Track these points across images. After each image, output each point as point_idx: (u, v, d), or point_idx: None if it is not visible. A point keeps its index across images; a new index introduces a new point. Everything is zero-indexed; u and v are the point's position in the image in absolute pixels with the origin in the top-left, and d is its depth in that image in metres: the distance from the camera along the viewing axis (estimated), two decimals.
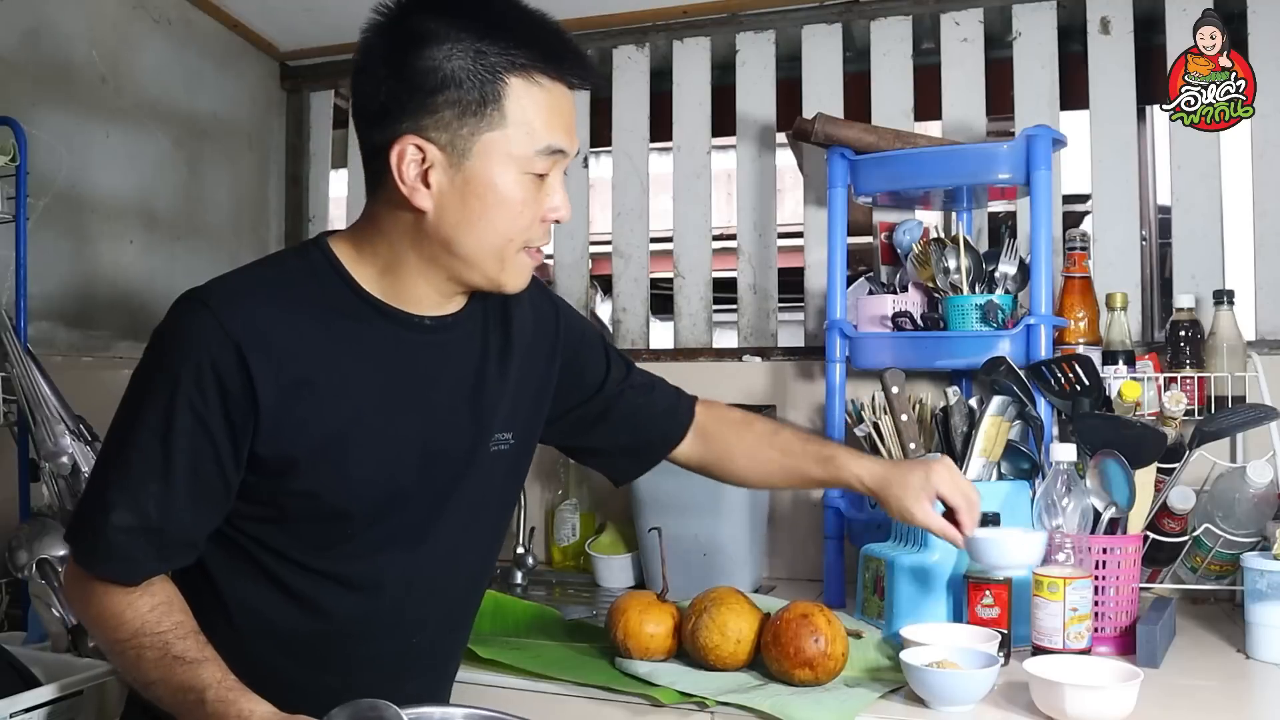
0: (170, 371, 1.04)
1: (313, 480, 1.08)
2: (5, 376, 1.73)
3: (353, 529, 1.12)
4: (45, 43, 2.02)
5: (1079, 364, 1.63)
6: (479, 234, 1.08)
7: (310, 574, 1.11)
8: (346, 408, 1.09)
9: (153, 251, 2.29)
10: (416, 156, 1.05)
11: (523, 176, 1.07)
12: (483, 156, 1.05)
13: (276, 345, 1.05)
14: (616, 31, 2.37)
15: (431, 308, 1.14)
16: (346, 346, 1.10)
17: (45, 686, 1.35)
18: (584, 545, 2.18)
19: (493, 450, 1.20)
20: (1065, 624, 1.38)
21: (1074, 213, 2.84)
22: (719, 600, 1.45)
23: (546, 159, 1.08)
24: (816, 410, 2.14)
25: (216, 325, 1.03)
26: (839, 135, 1.92)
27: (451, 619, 1.26)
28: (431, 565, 1.18)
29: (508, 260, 1.10)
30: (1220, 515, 1.61)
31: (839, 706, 1.28)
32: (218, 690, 0.96)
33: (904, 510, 1.36)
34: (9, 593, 1.78)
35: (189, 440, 1.03)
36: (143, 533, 1.03)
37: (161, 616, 1.03)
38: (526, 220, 1.09)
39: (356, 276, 1.12)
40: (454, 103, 1.03)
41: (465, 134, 1.04)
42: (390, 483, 1.12)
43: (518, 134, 1.05)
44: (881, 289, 2.05)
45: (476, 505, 1.21)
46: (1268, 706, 1.36)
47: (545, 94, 1.06)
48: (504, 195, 1.06)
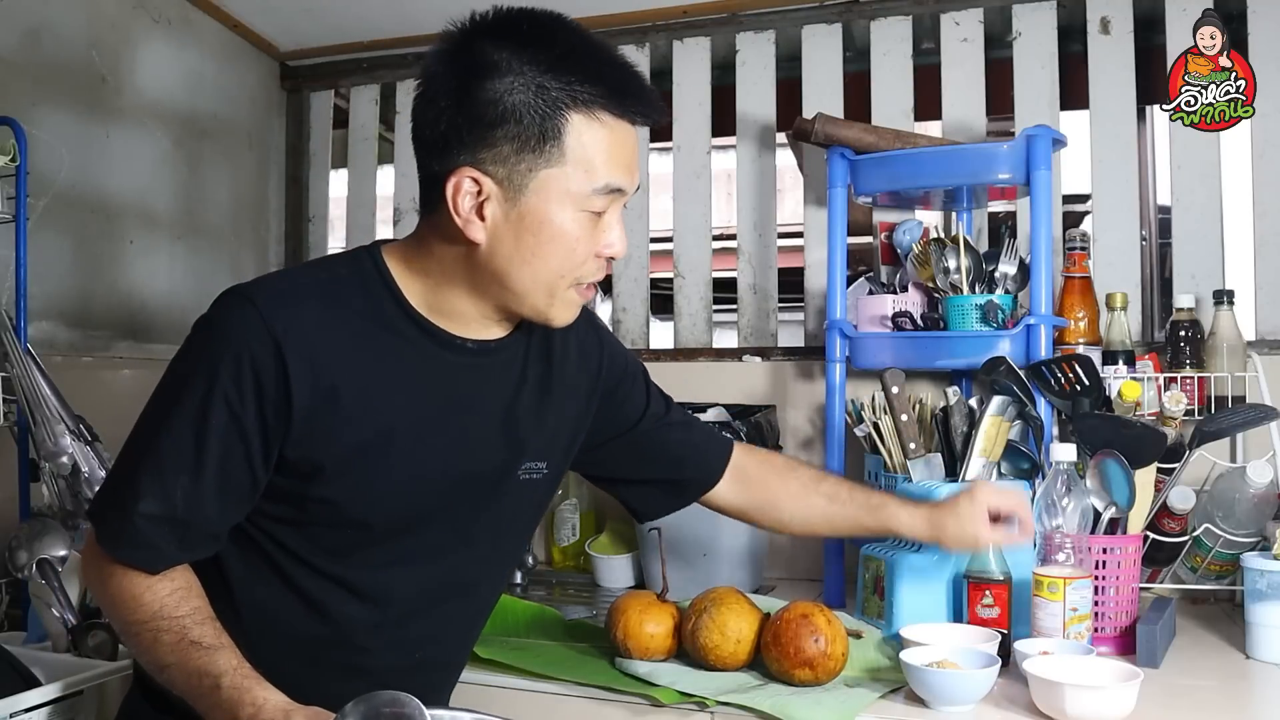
0: (210, 364, 1.03)
1: (337, 489, 1.07)
2: (5, 376, 1.73)
3: (371, 540, 1.11)
4: (45, 43, 2.02)
5: (1079, 364, 1.63)
6: (532, 270, 1.06)
7: (323, 578, 1.11)
8: (380, 420, 1.08)
9: (153, 251, 2.29)
10: (473, 189, 1.04)
11: (580, 214, 1.05)
12: (539, 193, 1.04)
13: (317, 350, 1.05)
14: (616, 31, 2.37)
15: (477, 331, 1.14)
16: (386, 360, 1.09)
17: (45, 686, 1.36)
18: (584, 545, 2.18)
19: (523, 479, 1.19)
20: (1065, 624, 1.38)
21: (1074, 213, 2.84)
22: (719, 600, 1.45)
23: (604, 197, 1.06)
24: (816, 410, 2.14)
25: (260, 323, 1.03)
26: (839, 135, 1.92)
27: (458, 639, 1.25)
28: (445, 585, 1.18)
29: (557, 295, 1.09)
30: (1220, 515, 1.61)
31: (839, 706, 1.28)
32: (233, 677, 0.97)
33: (968, 538, 1.39)
34: (9, 593, 1.78)
35: (222, 436, 1.03)
36: (168, 523, 1.03)
37: (180, 601, 1.03)
38: (580, 257, 1.07)
39: (405, 291, 1.11)
40: (513, 137, 1.02)
41: (523, 169, 1.03)
42: (414, 499, 1.12)
43: (576, 172, 1.03)
44: (881, 289, 2.05)
45: (498, 531, 1.21)
46: (1268, 706, 1.36)
47: (607, 131, 1.04)
48: (559, 232, 1.05)
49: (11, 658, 1.42)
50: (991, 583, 1.43)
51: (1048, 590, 1.40)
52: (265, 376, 1.02)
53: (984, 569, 1.44)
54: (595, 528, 2.24)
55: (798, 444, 2.16)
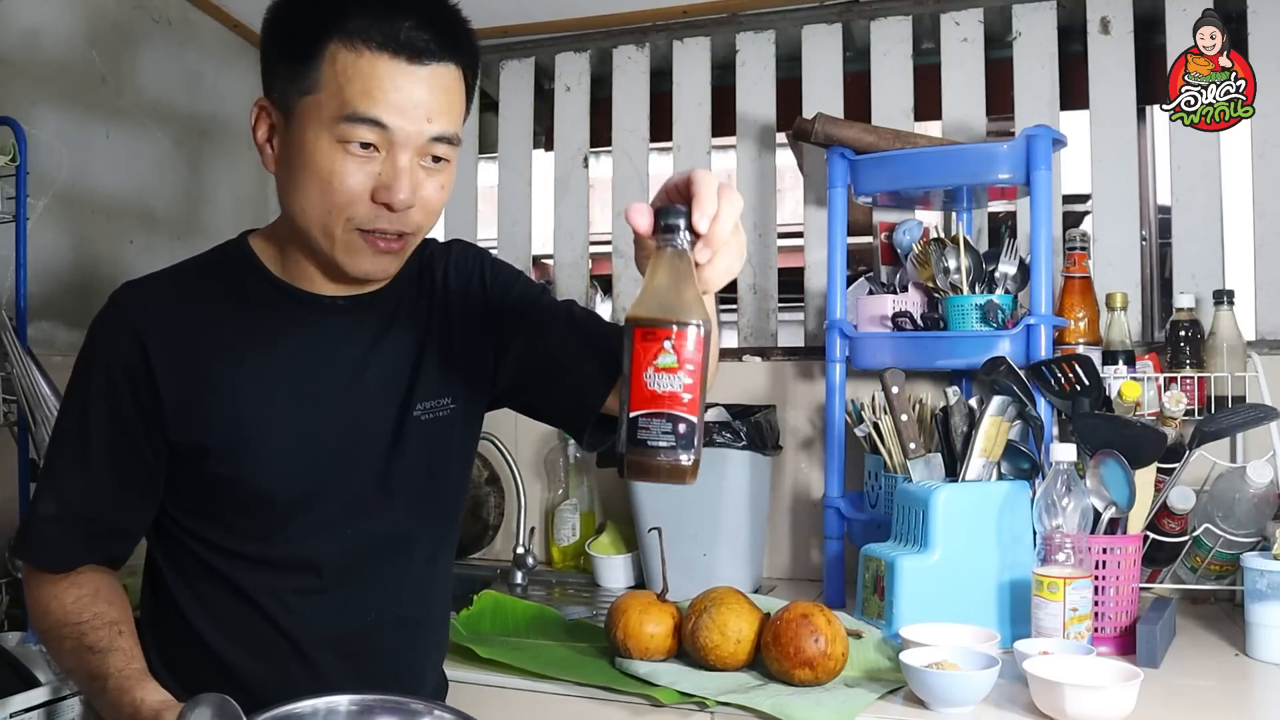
0: (86, 366, 1.10)
1: (230, 466, 1.09)
2: (5, 376, 1.73)
3: (284, 514, 1.12)
4: (45, 43, 2.02)
5: (1079, 364, 1.63)
6: (299, 203, 1.05)
7: (251, 564, 1.12)
8: (254, 392, 1.10)
9: (153, 251, 2.29)
10: (265, 119, 1.07)
11: (334, 145, 1.01)
12: (301, 119, 1.02)
13: (178, 335, 1.09)
14: (616, 31, 2.37)
15: (340, 289, 1.13)
16: (253, 332, 1.11)
17: (45, 686, 1.36)
18: (584, 545, 2.18)
19: (424, 419, 1.17)
20: (1065, 624, 1.38)
21: (1074, 213, 2.84)
22: (719, 600, 1.45)
23: (356, 127, 1.00)
24: (816, 410, 2.14)
25: (120, 317, 1.10)
26: (839, 135, 1.92)
27: (413, 594, 1.21)
28: (376, 542, 1.16)
29: (336, 237, 1.05)
30: (1220, 515, 1.61)
31: (839, 707, 1.28)
32: (117, 679, 1.00)
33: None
34: (9, 593, 1.78)
35: (104, 428, 1.08)
36: (66, 521, 1.08)
37: (84, 608, 1.07)
38: (343, 196, 1.02)
39: (265, 262, 1.14)
40: (286, 63, 1.03)
41: (293, 95, 1.02)
42: (309, 463, 1.12)
43: (330, 100, 1.00)
44: (881, 289, 2.05)
45: (419, 476, 1.18)
46: (1268, 706, 1.36)
47: (365, 62, 0.99)
48: (311, 161, 1.02)
49: (11, 658, 1.42)
50: (667, 327, 0.82)
51: (1048, 590, 1.40)
52: (133, 367, 1.07)
53: (661, 309, 0.83)
54: (595, 528, 2.24)
55: (798, 444, 2.16)
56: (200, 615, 1.13)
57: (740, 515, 1.92)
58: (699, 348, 0.81)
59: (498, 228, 2.50)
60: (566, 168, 2.44)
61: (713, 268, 0.85)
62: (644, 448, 0.81)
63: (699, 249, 0.84)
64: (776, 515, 2.14)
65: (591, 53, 2.42)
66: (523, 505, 2.11)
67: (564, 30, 2.37)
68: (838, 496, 1.89)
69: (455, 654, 1.47)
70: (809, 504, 2.13)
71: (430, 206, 1.07)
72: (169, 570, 1.14)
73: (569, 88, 2.44)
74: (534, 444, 2.33)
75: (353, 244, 1.06)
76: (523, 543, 2.11)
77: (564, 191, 2.45)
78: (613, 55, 2.40)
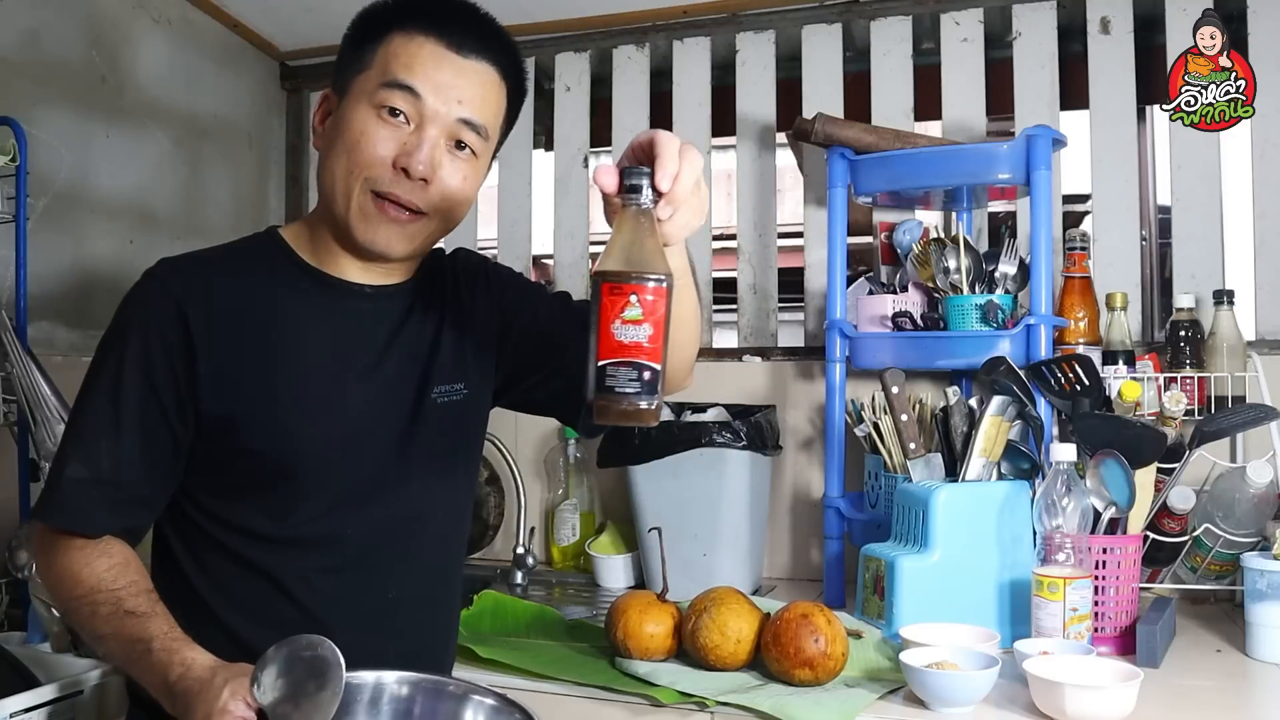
0: (121, 336, 1.12)
1: (254, 438, 1.12)
2: (5, 376, 1.73)
3: (303, 491, 1.14)
4: (45, 43, 2.02)
5: (1079, 364, 1.63)
6: (330, 169, 1.13)
7: (273, 545, 1.14)
8: (284, 366, 1.14)
9: (153, 251, 2.25)
10: (325, 105, 1.18)
11: (369, 111, 1.11)
12: (351, 95, 1.13)
13: (215, 304, 1.13)
14: (616, 31, 2.37)
15: (366, 276, 1.20)
16: (284, 310, 1.17)
17: (45, 686, 1.36)
18: (584, 545, 2.18)
19: (440, 402, 1.22)
20: (1065, 624, 1.38)
21: (1074, 213, 2.84)
22: (719, 600, 1.45)
23: (393, 93, 1.10)
24: (816, 410, 2.14)
25: (163, 288, 1.13)
26: (839, 135, 1.92)
27: (430, 574, 1.26)
28: (395, 520, 1.20)
29: (353, 198, 1.12)
30: (1220, 515, 1.61)
31: (839, 707, 1.28)
32: (163, 640, 1.01)
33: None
34: (9, 593, 1.78)
35: (137, 395, 1.10)
36: (96, 485, 1.09)
37: (117, 575, 1.08)
38: (366, 155, 1.10)
39: (298, 250, 1.20)
40: (352, 47, 1.15)
41: (350, 74, 1.14)
42: (331, 438, 1.15)
43: (375, 73, 1.12)
44: (881, 289, 2.05)
45: (435, 457, 1.23)
46: (1268, 706, 1.36)
47: (415, 45, 1.11)
48: (347, 125, 1.12)
49: (11, 658, 1.42)
50: (636, 283, 0.86)
51: (1048, 590, 1.40)
52: (170, 333, 1.11)
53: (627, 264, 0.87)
54: (595, 528, 2.24)
55: (798, 444, 2.16)
56: (221, 602, 1.14)
57: (740, 515, 1.92)
58: (661, 299, 0.86)
59: (498, 228, 2.50)
60: (566, 168, 2.45)
61: (673, 223, 0.93)
62: (611, 394, 0.86)
63: (661, 206, 0.91)
64: (776, 515, 2.14)
65: (591, 53, 2.42)
66: (523, 505, 2.11)
67: (564, 30, 2.38)
68: (838, 496, 1.89)
69: (456, 654, 1.47)
70: (809, 504, 2.13)
71: (447, 190, 1.13)
72: (186, 557, 1.16)
73: (569, 88, 2.44)
74: (534, 444, 2.34)
75: (366, 208, 1.12)
76: (523, 543, 2.11)
77: (564, 191, 2.45)
78: (613, 55, 2.40)
